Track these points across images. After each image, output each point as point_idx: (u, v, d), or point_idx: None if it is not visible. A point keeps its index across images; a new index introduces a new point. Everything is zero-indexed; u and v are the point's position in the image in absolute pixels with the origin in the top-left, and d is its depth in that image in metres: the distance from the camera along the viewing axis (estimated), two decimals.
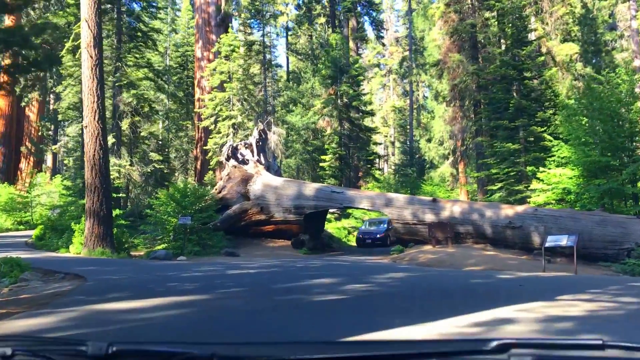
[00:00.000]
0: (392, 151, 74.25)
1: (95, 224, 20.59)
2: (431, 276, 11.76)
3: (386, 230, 25.54)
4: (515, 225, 19.82)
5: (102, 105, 21.72)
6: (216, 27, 43.47)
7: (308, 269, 14.10)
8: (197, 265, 16.20)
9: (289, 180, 25.52)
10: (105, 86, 27.44)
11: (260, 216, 24.03)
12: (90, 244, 20.40)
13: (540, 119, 25.11)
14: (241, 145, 26.00)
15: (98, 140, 21.14)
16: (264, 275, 12.11)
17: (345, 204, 23.07)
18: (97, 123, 21.25)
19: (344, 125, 33.36)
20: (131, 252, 21.86)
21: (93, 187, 20.83)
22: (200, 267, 15.27)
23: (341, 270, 13.64)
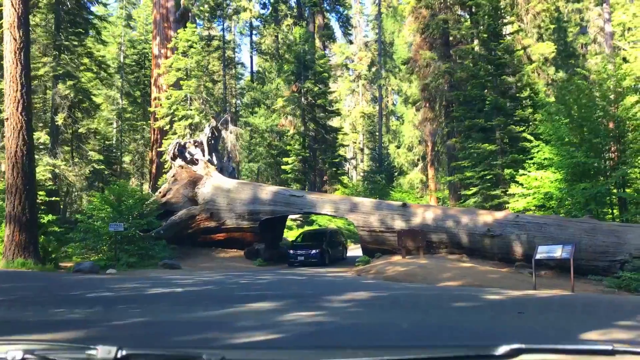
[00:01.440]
0: (361, 158, 72.32)
1: (16, 231, 17.72)
2: (402, 297, 9.31)
3: (325, 245, 21.60)
4: (495, 234, 17.61)
5: (27, 95, 18.88)
6: (175, 23, 40.67)
7: (252, 287, 11.53)
8: (121, 280, 13.46)
9: (243, 182, 22.90)
10: (42, 77, 24.52)
11: (210, 223, 21.34)
12: (9, 254, 17.53)
13: (518, 118, 23.07)
14: (190, 143, 23.27)
15: (21, 134, 18.33)
16: (189, 296, 9.50)
17: (306, 209, 20.57)
18: (21, 115, 18.45)
19: (308, 126, 30.88)
20: (61, 263, 18.97)
21: (14, 188, 17.99)
22: (123, 283, 12.58)
23: (292, 289, 11.11)
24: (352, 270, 17.58)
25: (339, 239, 24.12)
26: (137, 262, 18.39)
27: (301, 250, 21.22)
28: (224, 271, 17.22)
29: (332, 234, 23.72)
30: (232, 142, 31.00)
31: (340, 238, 24.14)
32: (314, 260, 20.56)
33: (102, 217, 19.34)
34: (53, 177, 23.24)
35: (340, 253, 23.42)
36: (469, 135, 24.66)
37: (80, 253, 19.08)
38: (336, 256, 22.55)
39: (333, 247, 22.40)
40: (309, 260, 20.57)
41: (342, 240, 24.10)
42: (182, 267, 18.06)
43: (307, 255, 20.82)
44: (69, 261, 18.99)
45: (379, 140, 63.57)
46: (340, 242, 23.85)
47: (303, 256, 20.83)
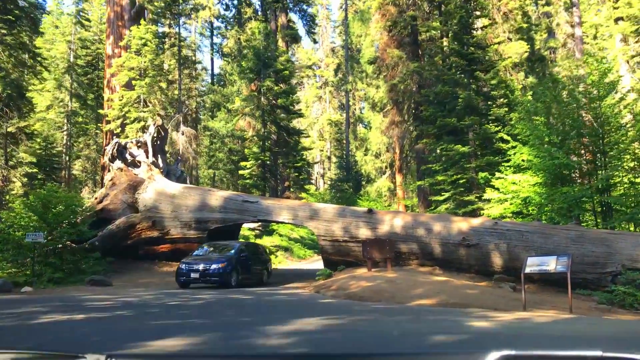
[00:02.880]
0: (328, 166, 70.50)
1: None
2: (364, 328, 7.10)
3: (234, 262, 16.05)
4: (471, 243, 15.67)
5: None
6: (130, 22, 38.05)
7: (177, 311, 9.22)
8: (26, 302, 10.98)
9: (189, 187, 20.51)
10: None
11: (152, 232, 18.90)
12: None
13: (493, 117, 21.31)
14: (132, 143, 20.81)
15: None
16: (83, 327, 7.12)
17: (261, 216, 18.30)
18: None
19: (268, 127, 28.62)
20: None
21: None
22: (24, 305, 10.15)
23: (227, 314, 8.85)
24: (310, 286, 15.37)
25: (260, 256, 18.18)
26: (63, 278, 15.85)
27: (197, 264, 15.50)
28: (160, 288, 14.81)
29: (250, 249, 17.82)
30: (184, 145, 28.56)
31: (261, 255, 18.29)
32: (215, 278, 15.31)
33: (25, 226, 16.73)
34: None
35: (258, 274, 17.52)
36: (440, 137, 22.81)
37: (6, 268, 16.41)
38: (252, 278, 16.94)
39: (248, 266, 16.79)
40: (207, 279, 15.38)
41: (264, 258, 18.39)
42: (113, 283, 15.56)
43: (205, 272, 15.26)
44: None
45: (346, 148, 61.80)
46: (262, 261, 18.09)
47: (199, 272, 15.18)
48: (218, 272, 15.37)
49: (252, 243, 19.83)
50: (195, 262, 15.73)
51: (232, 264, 15.87)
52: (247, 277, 16.57)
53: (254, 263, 17.25)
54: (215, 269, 15.41)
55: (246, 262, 16.69)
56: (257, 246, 19.29)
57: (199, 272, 15.38)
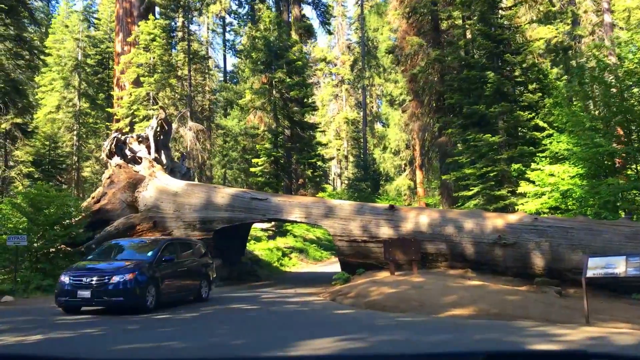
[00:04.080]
0: (346, 165, 68.77)
1: None
2: (396, 353, 5.35)
3: (150, 270, 10.54)
4: (508, 242, 13.80)
5: None
6: (139, 18, 36.77)
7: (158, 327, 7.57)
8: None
9: (193, 184, 18.89)
10: None
11: (153, 234, 17.26)
12: None
13: (526, 104, 19.37)
14: (132, 138, 19.26)
15: None
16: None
17: (270, 214, 16.59)
18: None
19: (280, 122, 26.94)
20: None
21: None
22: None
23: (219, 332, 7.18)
24: (326, 292, 13.64)
25: (196, 260, 12.56)
26: (53, 286, 14.26)
27: (89, 274, 10.14)
28: None
29: (181, 248, 12.36)
30: (191, 141, 27.00)
31: (198, 258, 12.72)
32: (117, 298, 9.84)
33: (13, 229, 15.23)
34: None
35: (193, 288, 12.07)
36: (466, 127, 20.93)
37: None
38: (183, 293, 11.63)
39: (177, 275, 11.34)
40: (105, 299, 9.92)
41: (204, 262, 12.85)
42: None
43: (101, 288, 9.85)
44: None
45: (364, 146, 60.02)
46: (199, 267, 12.50)
47: (91, 289, 9.81)
48: (123, 287, 9.75)
49: (184, 240, 13.83)
50: (86, 272, 10.25)
51: (146, 274, 10.20)
52: (174, 293, 11.14)
53: (185, 271, 11.74)
54: (119, 282, 9.79)
55: (173, 270, 11.06)
56: (192, 244, 13.15)
57: (90, 288, 9.77)
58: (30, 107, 21.81)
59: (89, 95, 41.62)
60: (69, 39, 41.44)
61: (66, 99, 40.35)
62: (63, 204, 16.01)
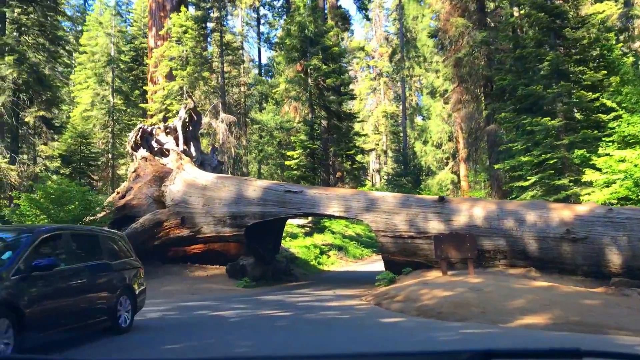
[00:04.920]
0: (385, 160, 66.98)
1: None
2: None
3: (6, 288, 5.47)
4: (578, 236, 11.99)
5: None
6: (172, 11, 35.94)
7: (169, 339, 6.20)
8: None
9: (223, 177, 17.58)
10: None
11: (182, 231, 16.09)
12: None
13: (589, 83, 17.36)
14: (159, 129, 18.10)
15: None
16: None
17: (306, 209, 15.13)
18: None
19: (316, 112, 25.46)
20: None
21: None
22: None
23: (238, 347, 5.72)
24: (370, 295, 12.08)
25: (110, 267, 7.58)
26: None
27: None
28: (181, 299, 11.90)
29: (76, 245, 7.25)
30: (224, 133, 25.78)
31: (114, 263, 7.74)
32: None
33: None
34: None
35: (103, 314, 7.13)
36: (520, 111, 19.03)
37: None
38: (73, 325, 6.50)
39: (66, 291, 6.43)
40: None
41: (125, 266, 8.06)
42: None
43: None
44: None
45: (404, 140, 58.11)
46: (111, 284, 7.46)
47: None
48: None
49: (85, 231, 8.32)
50: None
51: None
52: (59, 323, 6.22)
53: (85, 285, 6.88)
54: None
55: (57, 283, 6.32)
56: (100, 238, 7.89)
57: None
58: (56, 100, 20.94)
59: (122, 92, 41.03)
60: (101, 35, 40.96)
61: (100, 95, 39.84)
62: (84, 199, 14.90)
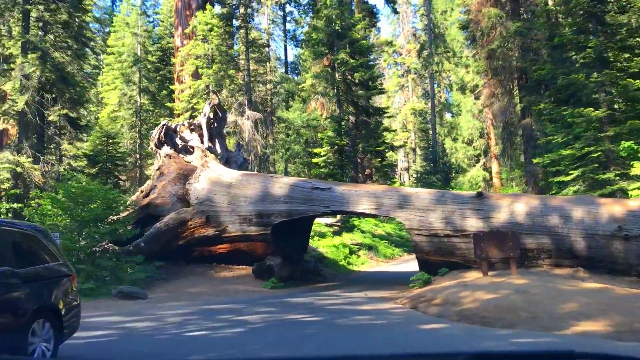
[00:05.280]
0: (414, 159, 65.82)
1: None
2: None
3: None
4: (631, 234, 11.05)
5: None
6: (198, 10, 35.77)
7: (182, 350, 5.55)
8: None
9: (249, 174, 16.99)
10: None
11: (207, 230, 15.55)
12: None
13: (636, 70, 16.26)
14: (184, 126, 17.61)
15: None
16: None
17: (335, 206, 14.42)
18: None
19: (343, 107, 24.72)
20: None
21: None
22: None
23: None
24: (404, 298, 11.32)
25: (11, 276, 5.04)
26: (94, 289, 12.73)
27: None
28: (205, 301, 11.31)
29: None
30: (250, 131, 25.23)
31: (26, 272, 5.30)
32: None
33: (52, 226, 13.81)
34: (15, 178, 18.04)
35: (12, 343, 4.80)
36: (559, 102, 18.02)
37: None
38: None
39: None
40: None
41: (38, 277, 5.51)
42: (152, 294, 12.28)
43: None
44: None
45: (433, 137, 57.00)
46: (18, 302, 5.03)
47: None
48: None
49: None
50: None
51: None
52: None
53: None
54: None
55: None
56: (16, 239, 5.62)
57: None
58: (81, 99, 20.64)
59: (149, 92, 40.92)
60: (128, 35, 40.95)
61: (127, 95, 39.79)
62: (106, 198, 14.45)
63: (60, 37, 19.99)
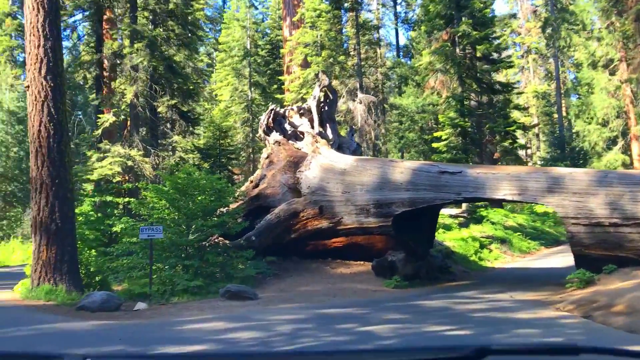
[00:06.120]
0: (537, 145, 61.00)
1: (44, 243, 12.05)
2: None
3: None
4: None
5: (53, 51, 13.28)
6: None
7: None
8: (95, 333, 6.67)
9: (364, 159, 15.28)
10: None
11: (320, 222, 14.07)
12: (35, 278, 11.95)
13: None
14: (293, 110, 16.30)
15: (46, 107, 12.82)
16: None
17: (468, 193, 12.27)
18: (45, 80, 13.02)
19: (467, 85, 22.28)
20: (115, 287, 13.16)
21: (39, 183, 12.43)
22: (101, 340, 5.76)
23: None
24: (566, 303, 9.03)
25: None
26: (203, 287, 11.66)
27: None
28: (320, 304, 9.76)
29: None
30: (362, 116, 23.54)
31: None
32: None
33: (160, 220, 12.99)
34: (126, 172, 17.69)
35: None
36: None
37: (127, 273, 12.89)
38: None
39: None
40: None
41: None
42: (261, 294, 10.95)
43: None
44: (131, 284, 12.86)
45: (559, 120, 52.22)
46: None
47: None
48: None
49: None
50: None
51: None
52: None
53: None
54: None
55: None
56: None
57: None
58: (191, 92, 20.12)
59: (259, 85, 40.70)
60: (237, 29, 40.98)
61: (238, 90, 39.81)
62: (214, 188, 13.40)
63: (168, 26, 19.48)
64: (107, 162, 16.98)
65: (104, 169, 16.75)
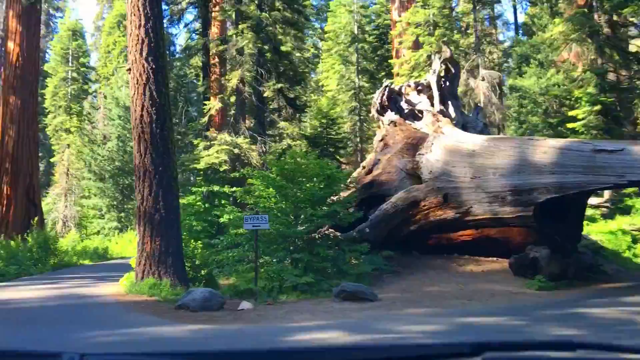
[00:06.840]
0: None
1: (147, 234, 11.40)
2: None
3: None
4: None
5: (155, 32, 12.65)
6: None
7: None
8: (187, 343, 5.49)
9: (497, 138, 13.26)
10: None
11: (445, 212, 12.28)
12: (139, 271, 11.34)
13: None
14: (410, 87, 14.56)
15: (147, 90, 12.16)
16: None
17: (635, 175, 9.90)
18: (146, 62, 12.37)
19: (608, 56, 19.32)
20: (222, 282, 12.37)
21: (142, 171, 11.81)
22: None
23: None
24: None
25: None
26: (314, 284, 10.35)
27: None
28: (455, 310, 8.05)
29: None
30: (486, 94, 21.22)
31: None
32: None
33: (267, 209, 11.87)
34: (232, 161, 16.89)
35: None
36: None
37: (233, 267, 11.91)
38: None
39: None
40: None
41: None
42: (381, 296, 9.39)
43: None
44: (237, 278, 11.92)
45: None
46: None
47: None
48: None
49: None
50: None
51: None
52: None
53: None
54: None
55: None
56: None
57: None
58: (297, 77, 19.03)
59: (367, 71, 39.13)
60: (344, 14, 39.71)
61: (345, 77, 38.53)
62: (323, 174, 12.06)
63: (274, 7, 18.46)
64: (214, 150, 16.28)
65: (210, 157, 16.08)
